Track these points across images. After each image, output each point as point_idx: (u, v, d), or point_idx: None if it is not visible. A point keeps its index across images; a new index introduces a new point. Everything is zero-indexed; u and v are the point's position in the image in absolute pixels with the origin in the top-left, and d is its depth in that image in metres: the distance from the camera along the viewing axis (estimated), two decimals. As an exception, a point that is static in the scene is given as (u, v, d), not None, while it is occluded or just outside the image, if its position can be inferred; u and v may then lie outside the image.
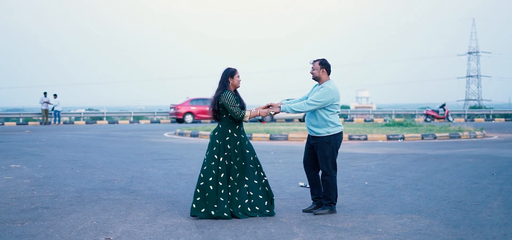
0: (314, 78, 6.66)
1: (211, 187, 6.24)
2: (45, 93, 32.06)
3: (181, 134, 21.72)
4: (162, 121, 36.50)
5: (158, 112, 38.96)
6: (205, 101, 33.35)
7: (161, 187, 8.41)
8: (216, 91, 6.47)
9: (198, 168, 10.60)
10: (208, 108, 6.63)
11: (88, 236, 5.52)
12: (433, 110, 36.69)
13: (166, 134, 22.19)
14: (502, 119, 40.79)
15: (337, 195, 6.64)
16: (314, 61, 6.66)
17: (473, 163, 11.51)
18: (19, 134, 21.64)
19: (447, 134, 20.27)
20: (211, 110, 6.47)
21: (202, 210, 6.23)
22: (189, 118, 32.81)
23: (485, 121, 39.35)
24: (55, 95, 32.26)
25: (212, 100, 6.48)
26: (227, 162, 6.34)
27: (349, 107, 49.81)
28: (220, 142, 6.37)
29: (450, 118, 36.28)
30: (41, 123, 32.13)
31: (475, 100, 75.81)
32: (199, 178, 6.32)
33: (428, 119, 35.96)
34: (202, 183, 6.28)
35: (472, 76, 78.04)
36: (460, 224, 6.06)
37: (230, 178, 6.32)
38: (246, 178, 6.37)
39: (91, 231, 5.68)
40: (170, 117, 35.17)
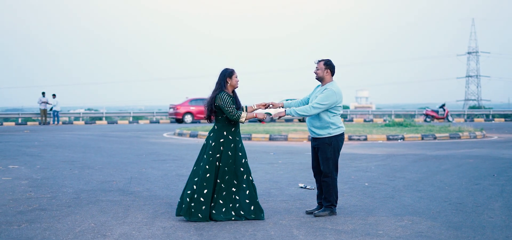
0: (318, 78, 6.58)
1: (195, 187, 6.21)
2: (43, 93, 31.99)
3: (180, 135, 21.66)
4: (161, 121, 36.44)
5: (157, 112, 38.89)
6: (204, 101, 33.09)
7: (159, 188, 8.35)
8: (212, 92, 6.41)
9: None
10: (204, 107, 6.59)
11: (85, 238, 5.45)
12: (432, 110, 36.64)
13: (165, 135, 22.13)
14: (502, 119, 40.74)
15: (337, 197, 6.58)
16: (319, 61, 6.57)
17: (473, 164, 11.45)
18: (18, 134, 21.58)
19: (447, 134, 20.22)
20: (206, 110, 6.43)
21: (189, 211, 6.17)
22: (188, 118, 32.75)
23: (484, 121, 39.31)
24: (54, 95, 32.18)
25: (208, 100, 6.43)
26: (218, 164, 6.26)
27: (348, 107, 49.75)
28: (212, 143, 6.30)
29: (450, 118, 36.22)
30: (40, 123, 32.07)
31: (475, 100, 75.81)
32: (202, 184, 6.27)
33: (427, 119, 35.91)
34: (194, 186, 6.25)
35: (471, 76, 78.03)
36: (461, 226, 6.01)
37: (218, 180, 6.25)
38: (235, 182, 6.29)
39: (89, 234, 5.62)
40: (170, 117, 35.12)
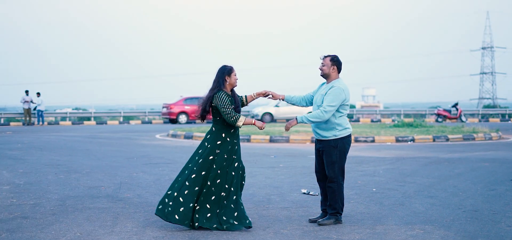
0: (323, 75, 6.45)
1: (176, 186, 6.16)
2: (26, 91, 31.93)
3: (174, 136, 21.59)
4: (154, 121, 36.38)
5: (149, 111, 38.85)
6: (200, 100, 33.03)
7: (151, 195, 8.28)
8: (210, 90, 6.33)
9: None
10: (198, 106, 6.49)
11: (70, 249, 5.38)
12: (444, 110, 36.60)
13: (158, 136, 22.06)
14: (519, 119, 40.69)
15: (343, 204, 6.50)
16: (325, 56, 6.43)
17: (489, 168, 11.39)
18: (0, 136, 21.50)
19: (461, 135, 20.17)
20: (201, 109, 6.33)
21: (166, 211, 6.09)
22: (183, 118, 32.66)
23: (500, 121, 39.27)
24: (38, 94, 32.13)
25: (204, 99, 6.34)
26: (211, 166, 6.14)
27: (354, 106, 49.72)
28: (208, 145, 6.21)
29: (463, 118, 36.18)
30: (23, 124, 32.01)
31: (490, 98, 75.85)
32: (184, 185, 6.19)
33: (439, 119, 35.86)
34: (176, 184, 6.19)
35: (486, 73, 78.10)
36: (477, 236, 5.94)
37: (208, 183, 6.13)
38: (226, 186, 6.18)
39: (74, 244, 5.55)
40: (163, 117, 35.02)
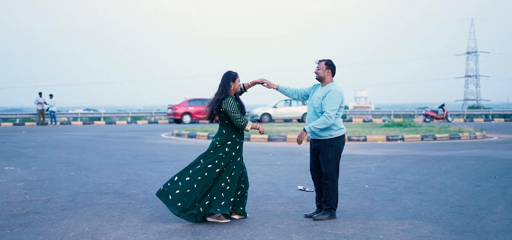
0: (318, 78, 6.42)
1: (195, 186, 6.10)
2: (40, 93, 31.86)
3: (178, 135, 21.51)
4: (160, 121, 36.29)
5: (155, 112, 38.76)
6: (203, 101, 33.09)
7: (156, 191, 8.20)
8: (216, 94, 6.27)
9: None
10: (205, 108, 6.43)
11: (79, 243, 5.32)
12: (432, 110, 36.51)
13: (163, 135, 21.98)
14: (502, 119, 40.61)
15: (337, 200, 6.45)
16: (320, 60, 6.41)
17: (474, 165, 11.32)
18: (15, 135, 21.43)
19: (447, 135, 20.09)
20: (209, 111, 6.28)
21: (179, 204, 6.07)
22: (187, 118, 32.57)
23: (484, 121, 39.18)
24: (51, 95, 32.06)
25: (211, 102, 6.28)
26: (222, 169, 6.17)
27: (347, 107, 49.62)
28: (219, 145, 6.21)
29: (450, 119, 36.10)
30: (37, 124, 31.92)
31: (474, 100, 75.72)
32: (187, 173, 6.16)
33: (427, 119, 35.78)
34: (188, 178, 6.12)
35: (470, 76, 77.94)
36: (464, 230, 5.87)
37: (216, 181, 6.18)
38: (227, 178, 6.21)
39: (82, 238, 5.49)
40: (168, 117, 34.94)
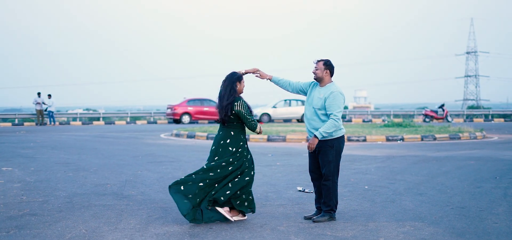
0: (316, 78, 6.34)
1: (208, 181, 6.17)
2: (39, 93, 31.78)
3: (177, 135, 21.43)
4: (159, 121, 36.21)
5: (155, 112, 38.69)
6: (202, 101, 33.01)
7: (154, 192, 8.15)
8: (227, 96, 6.19)
9: (194, 170, 10.32)
10: (216, 109, 6.33)
11: (75, 246, 5.25)
12: (432, 110, 36.44)
13: (162, 135, 21.90)
14: (501, 119, 40.54)
15: (337, 201, 6.38)
16: (318, 61, 6.33)
17: (474, 166, 11.25)
18: (14, 135, 21.35)
19: (447, 135, 20.02)
20: (223, 115, 6.19)
21: (190, 196, 6.14)
22: (186, 118, 32.48)
23: (484, 121, 39.11)
24: (49, 96, 31.98)
25: (224, 105, 6.18)
26: (233, 163, 6.22)
27: (347, 107, 49.56)
28: (232, 149, 6.20)
29: (449, 119, 36.03)
30: (36, 124, 31.85)
31: (474, 100, 75.70)
32: (201, 169, 6.25)
33: (427, 120, 35.71)
34: (202, 173, 6.21)
35: (470, 76, 77.92)
36: (465, 232, 5.80)
37: (228, 176, 6.22)
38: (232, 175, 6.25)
39: (79, 241, 5.42)
40: (167, 117, 34.85)
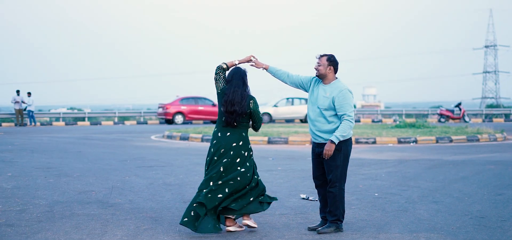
0: (319, 75, 6.24)
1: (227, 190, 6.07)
2: (18, 91, 31.70)
3: (169, 137, 21.36)
4: (149, 122, 36.15)
5: (145, 112, 38.58)
6: (196, 100, 32.93)
7: (143, 200, 8.07)
8: (241, 93, 6.07)
9: (187, 176, 10.27)
10: (232, 108, 6.01)
11: (55, 260, 5.17)
12: (447, 110, 36.40)
13: (153, 137, 21.84)
14: (523, 119, 40.51)
15: (344, 211, 6.30)
16: (321, 56, 6.20)
17: (495, 171, 11.19)
18: (-9, 137, 21.27)
19: (464, 136, 19.97)
20: (238, 113, 6.01)
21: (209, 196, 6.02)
22: (179, 118, 32.38)
23: (504, 121, 39.08)
24: (29, 94, 31.90)
25: (239, 100, 6.02)
26: (248, 166, 6.20)
27: (355, 106, 49.53)
28: (245, 153, 6.12)
29: (467, 119, 35.99)
30: (16, 124, 31.78)
31: (493, 98, 75.74)
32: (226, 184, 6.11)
33: (442, 120, 35.67)
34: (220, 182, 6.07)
35: (489, 71, 78.01)
36: (486, 245, 5.73)
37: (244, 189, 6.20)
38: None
39: (59, 255, 5.34)
40: (158, 117, 34.78)
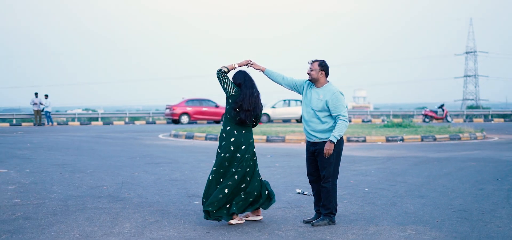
0: (311, 79, 6.21)
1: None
2: (36, 93, 31.62)
3: (176, 136, 21.29)
4: (157, 122, 36.07)
5: (153, 112, 38.54)
6: (201, 101, 32.87)
7: (151, 194, 8.01)
8: (257, 95, 6.09)
9: (191, 172, 10.21)
10: (253, 107, 6.01)
11: (68, 251, 5.11)
12: (431, 111, 36.32)
13: (160, 136, 21.77)
14: (501, 120, 40.43)
15: (337, 204, 6.24)
16: (313, 61, 6.18)
17: (476, 167, 11.12)
18: (11, 136, 21.20)
19: (447, 135, 19.90)
20: (255, 115, 6.07)
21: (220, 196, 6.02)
22: (184, 119, 32.34)
23: (484, 121, 39.00)
24: (46, 96, 31.82)
25: (258, 101, 6.07)
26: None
27: (346, 107, 49.44)
28: (253, 150, 6.15)
29: (449, 119, 35.91)
30: (34, 124, 31.70)
31: (473, 99, 75.60)
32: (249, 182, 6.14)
33: (426, 120, 35.59)
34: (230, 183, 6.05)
35: (469, 75, 77.85)
36: (468, 237, 5.67)
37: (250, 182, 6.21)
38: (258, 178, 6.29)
39: (73, 246, 5.28)
40: (166, 117, 34.72)
